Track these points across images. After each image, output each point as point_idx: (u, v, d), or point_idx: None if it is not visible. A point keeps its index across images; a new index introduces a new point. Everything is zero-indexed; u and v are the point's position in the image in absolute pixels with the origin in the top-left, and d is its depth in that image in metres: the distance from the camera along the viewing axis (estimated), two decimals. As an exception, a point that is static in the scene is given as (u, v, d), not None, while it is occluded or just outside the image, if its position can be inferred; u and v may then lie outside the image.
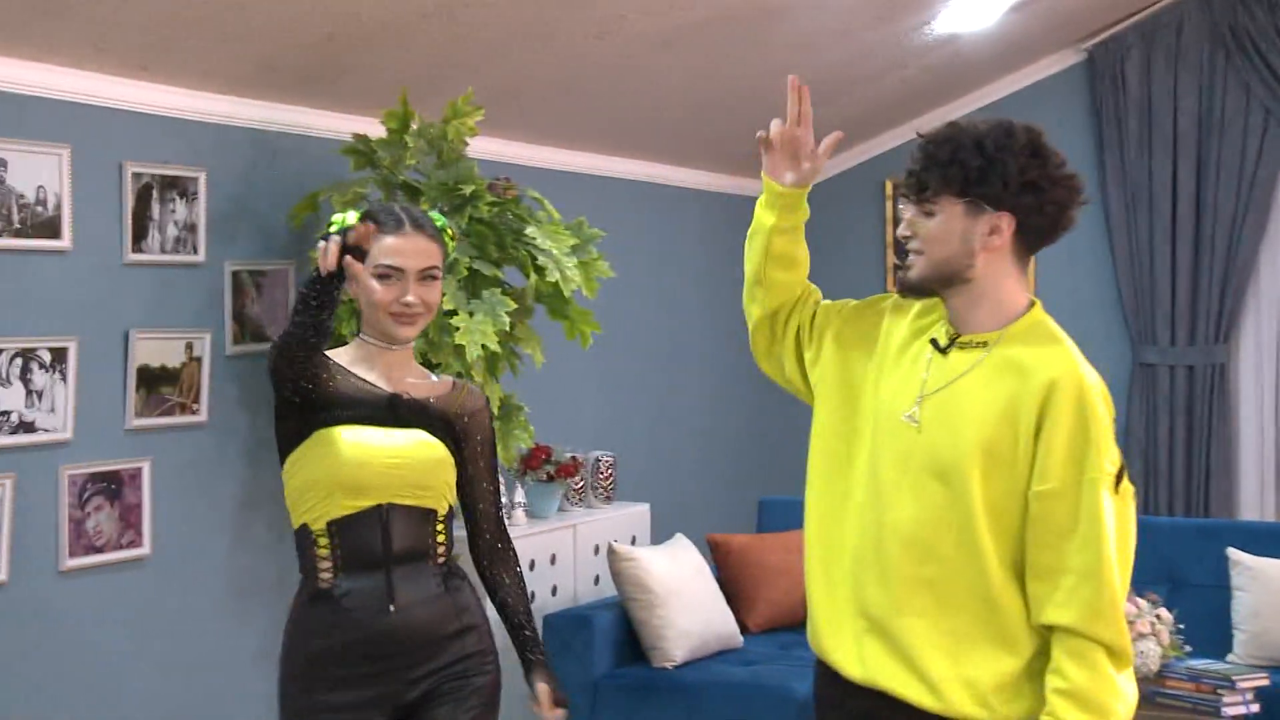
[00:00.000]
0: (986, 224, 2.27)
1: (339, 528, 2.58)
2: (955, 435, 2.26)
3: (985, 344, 2.29)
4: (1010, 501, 2.23)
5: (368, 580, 2.57)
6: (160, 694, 3.73)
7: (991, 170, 2.25)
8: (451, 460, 2.67)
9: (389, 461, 2.58)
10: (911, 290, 2.34)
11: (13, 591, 3.37)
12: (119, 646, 3.62)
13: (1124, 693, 2.20)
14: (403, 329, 2.63)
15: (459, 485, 2.71)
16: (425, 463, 2.62)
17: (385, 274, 2.60)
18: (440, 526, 2.65)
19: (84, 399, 3.51)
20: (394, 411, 2.62)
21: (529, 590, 2.83)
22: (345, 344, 2.72)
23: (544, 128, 4.85)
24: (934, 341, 2.32)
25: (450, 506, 2.69)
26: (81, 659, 3.53)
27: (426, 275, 2.63)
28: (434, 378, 2.75)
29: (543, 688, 2.69)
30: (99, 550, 3.55)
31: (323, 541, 2.59)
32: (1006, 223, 2.27)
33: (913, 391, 2.31)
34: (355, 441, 2.57)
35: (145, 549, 3.67)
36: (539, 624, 4.53)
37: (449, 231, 2.74)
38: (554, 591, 4.66)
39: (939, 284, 2.31)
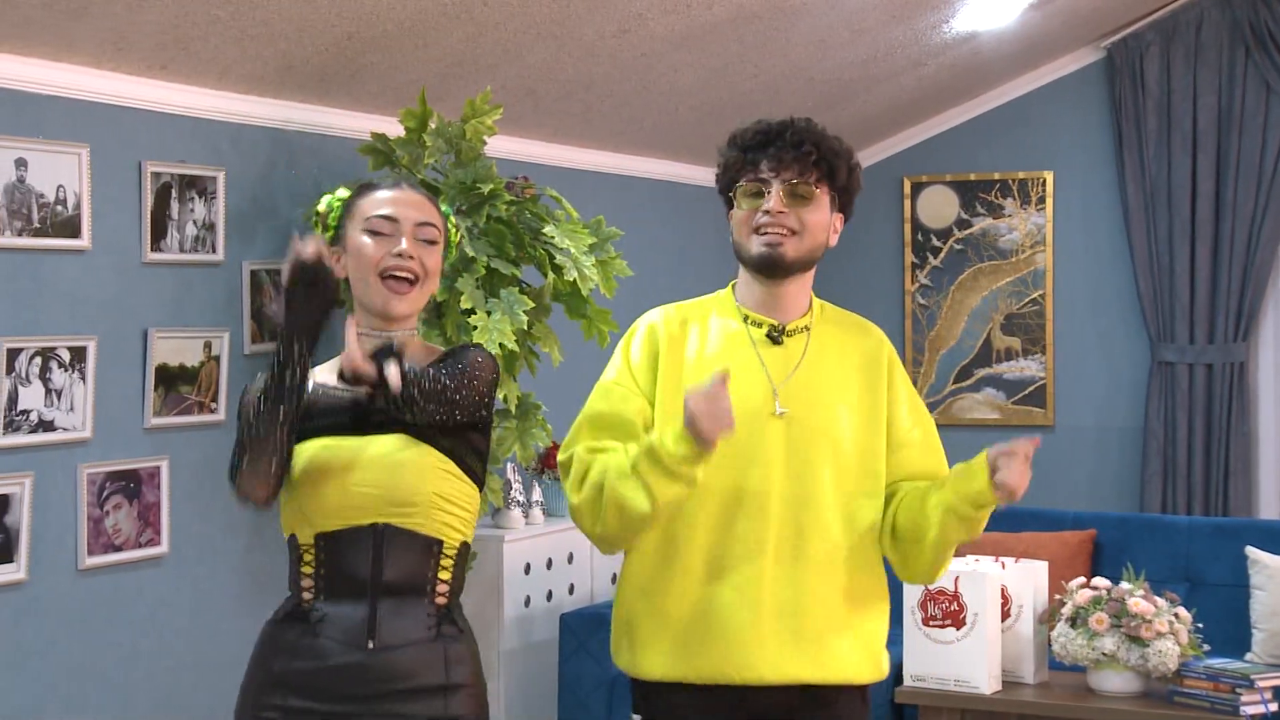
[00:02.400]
0: (833, 222, 2.49)
1: (327, 542, 2.27)
2: (828, 407, 2.44)
3: (807, 327, 2.50)
4: (874, 441, 2.45)
5: (349, 608, 2.24)
6: (177, 692, 3.73)
7: (856, 176, 2.49)
8: (441, 463, 2.28)
9: (359, 475, 2.25)
10: (784, 269, 2.44)
11: (32, 590, 3.37)
12: (137, 645, 3.62)
13: None
14: (395, 298, 2.26)
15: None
16: (399, 472, 2.25)
17: (376, 229, 2.29)
18: (446, 562, 2.30)
19: (103, 398, 3.51)
20: (362, 416, 2.27)
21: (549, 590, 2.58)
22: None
23: (562, 126, 4.83)
24: (770, 335, 2.47)
25: (464, 542, 2.34)
26: (100, 657, 3.53)
27: (423, 236, 2.30)
28: (437, 350, 2.40)
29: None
30: (117, 549, 3.55)
31: (308, 557, 2.30)
32: (840, 225, 2.51)
33: (759, 387, 2.43)
34: (315, 458, 2.26)
35: (163, 548, 3.67)
36: (555, 624, 4.51)
37: (453, 220, 2.43)
38: (571, 590, 4.65)
39: (801, 268, 2.47)
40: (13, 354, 3.30)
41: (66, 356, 3.42)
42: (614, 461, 2.34)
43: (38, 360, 3.36)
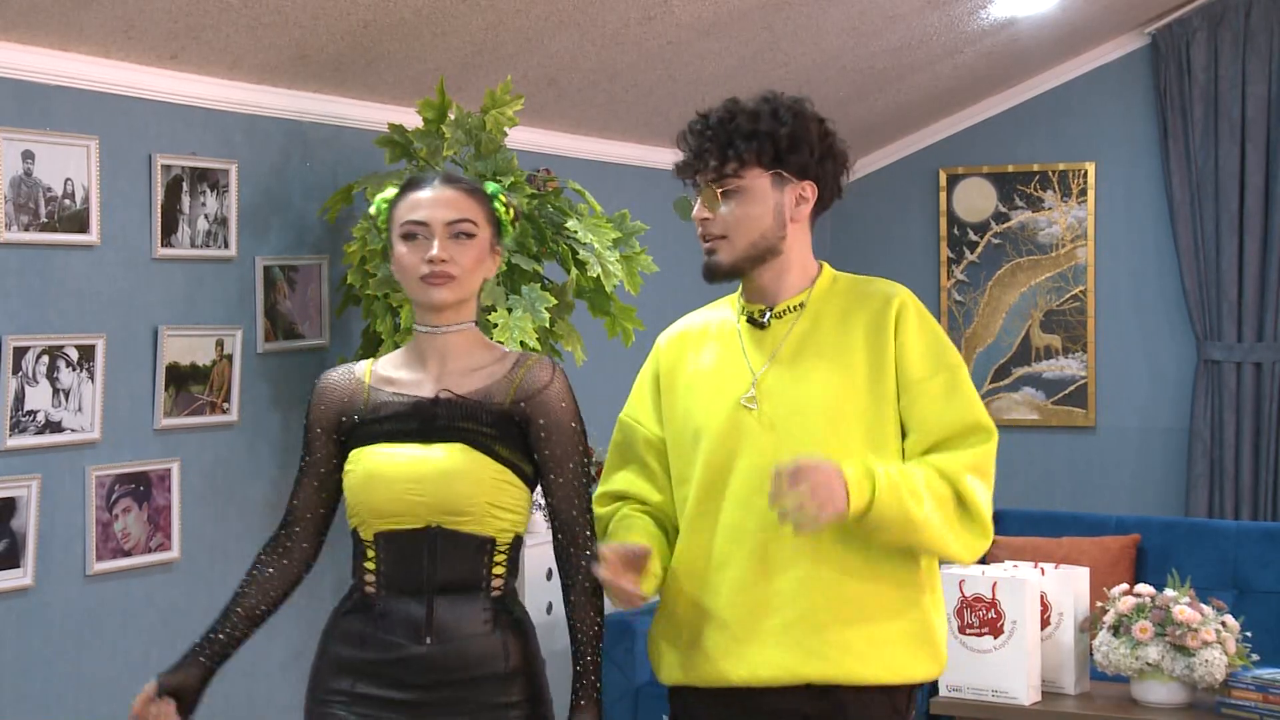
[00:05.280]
0: (793, 194, 2.36)
1: (386, 541, 2.37)
2: (812, 381, 2.34)
3: (801, 304, 2.40)
4: (882, 403, 2.32)
5: (408, 605, 2.35)
6: (190, 700, 3.67)
7: (798, 139, 2.34)
8: (498, 474, 2.36)
9: (410, 485, 2.34)
10: (723, 275, 2.40)
11: (39, 595, 3.32)
12: (147, 653, 3.56)
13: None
14: (434, 291, 2.34)
15: (543, 485, 2.41)
16: (454, 483, 2.33)
17: (410, 232, 2.37)
18: (499, 558, 2.38)
19: (112, 398, 3.46)
20: (424, 421, 2.37)
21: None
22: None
23: (585, 117, 4.78)
24: (751, 320, 2.41)
25: (517, 535, 2.41)
26: (109, 664, 3.48)
27: (458, 231, 2.36)
28: (504, 354, 2.44)
29: None
30: (127, 554, 3.50)
31: (370, 553, 2.40)
32: (810, 191, 2.37)
33: (740, 379, 2.38)
34: (376, 464, 2.37)
35: (174, 552, 3.61)
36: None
37: (502, 198, 2.46)
38: (595, 595, 4.58)
39: (751, 264, 2.39)
40: (19, 353, 3.25)
41: (74, 355, 3.37)
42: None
43: (45, 359, 3.31)
